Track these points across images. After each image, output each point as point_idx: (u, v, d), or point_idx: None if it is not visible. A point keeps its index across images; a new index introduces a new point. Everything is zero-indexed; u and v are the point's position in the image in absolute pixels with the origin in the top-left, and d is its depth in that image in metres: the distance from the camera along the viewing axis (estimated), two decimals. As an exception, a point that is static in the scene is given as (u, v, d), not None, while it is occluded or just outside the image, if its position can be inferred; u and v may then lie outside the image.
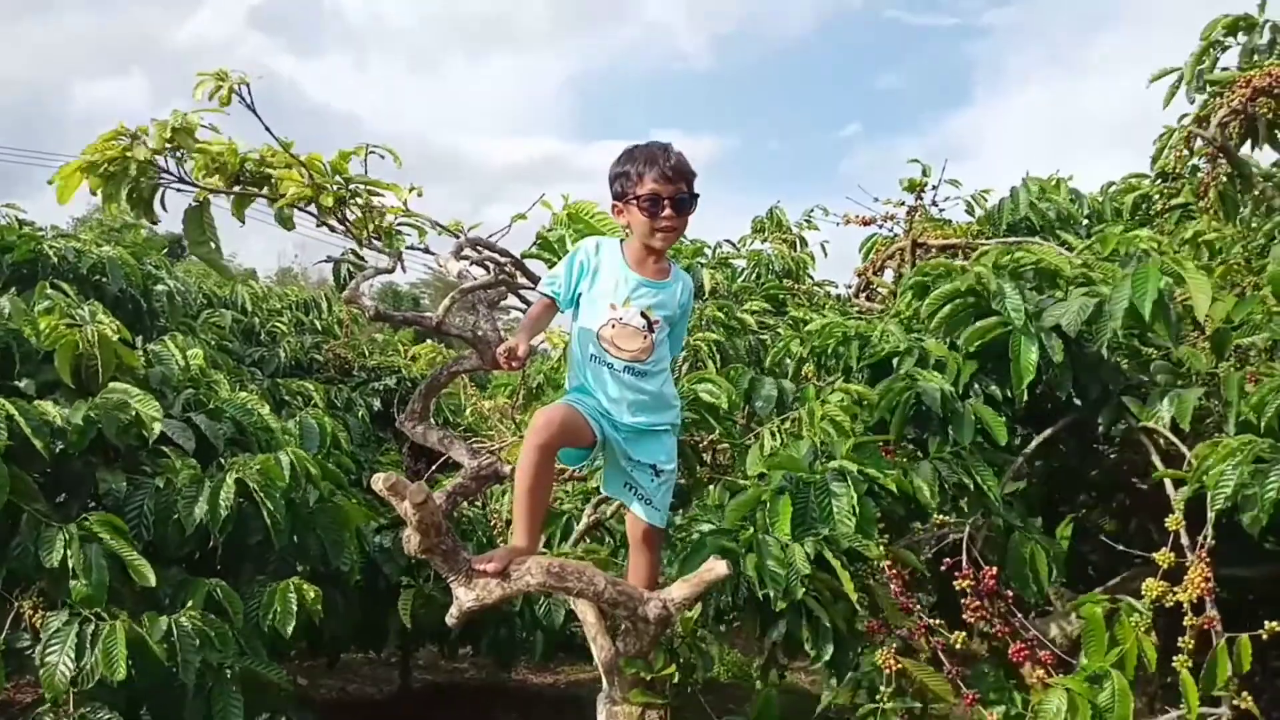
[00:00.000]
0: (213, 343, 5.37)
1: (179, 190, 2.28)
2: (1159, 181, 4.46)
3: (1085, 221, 4.81)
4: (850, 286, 4.81)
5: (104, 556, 2.77)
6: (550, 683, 8.50)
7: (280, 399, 5.39)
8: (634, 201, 2.32)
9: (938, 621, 2.46)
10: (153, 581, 2.83)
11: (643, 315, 2.33)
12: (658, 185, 2.30)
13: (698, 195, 2.37)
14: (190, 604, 2.87)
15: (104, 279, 4.62)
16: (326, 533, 3.46)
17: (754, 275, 4.94)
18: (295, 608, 3.02)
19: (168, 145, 2.12)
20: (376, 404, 6.52)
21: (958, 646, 2.46)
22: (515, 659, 5.11)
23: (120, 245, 5.27)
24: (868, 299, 4.72)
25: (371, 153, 2.40)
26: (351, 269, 3.72)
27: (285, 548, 3.31)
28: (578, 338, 2.42)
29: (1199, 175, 3.73)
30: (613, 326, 2.32)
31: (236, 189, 2.45)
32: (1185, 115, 3.78)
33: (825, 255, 5.31)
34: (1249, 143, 3.59)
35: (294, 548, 3.39)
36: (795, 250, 5.25)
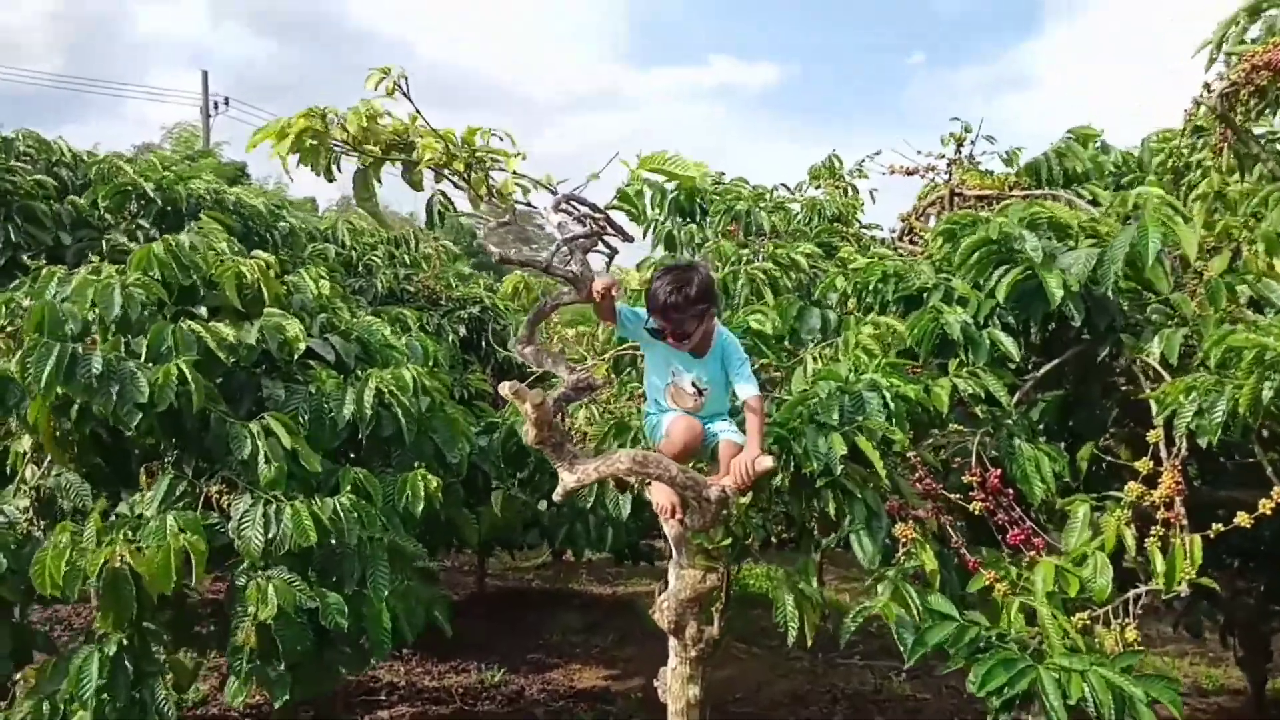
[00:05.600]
0: (324, 273, 6.03)
1: (347, 156, 2.89)
2: (1190, 138, 4.83)
3: (1114, 174, 5.19)
4: (894, 231, 5.30)
5: (280, 448, 3.48)
6: (609, 593, 9.33)
7: (381, 325, 6.06)
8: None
9: (956, 497, 3.02)
10: (319, 469, 3.52)
11: (693, 384, 3.07)
12: (658, 320, 2.99)
13: (706, 307, 2.97)
14: (348, 489, 3.56)
15: (235, 216, 5.32)
16: (440, 434, 4.14)
17: (807, 220, 5.45)
18: (424, 493, 3.72)
19: (362, 130, 2.73)
20: (462, 330, 7.18)
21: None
22: (588, 558, 5.80)
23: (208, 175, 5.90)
24: (910, 243, 5.20)
25: (492, 135, 3.00)
26: (441, 208, 4.33)
27: (411, 445, 3.99)
28: (649, 374, 3.19)
29: (1213, 139, 4.10)
30: (673, 388, 3.09)
31: (377, 153, 3.06)
32: (1206, 83, 4.12)
33: (874, 202, 5.80)
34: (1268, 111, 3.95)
35: (414, 447, 4.07)
36: (847, 195, 5.74)
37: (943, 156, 4.93)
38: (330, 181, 2.85)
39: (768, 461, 2.84)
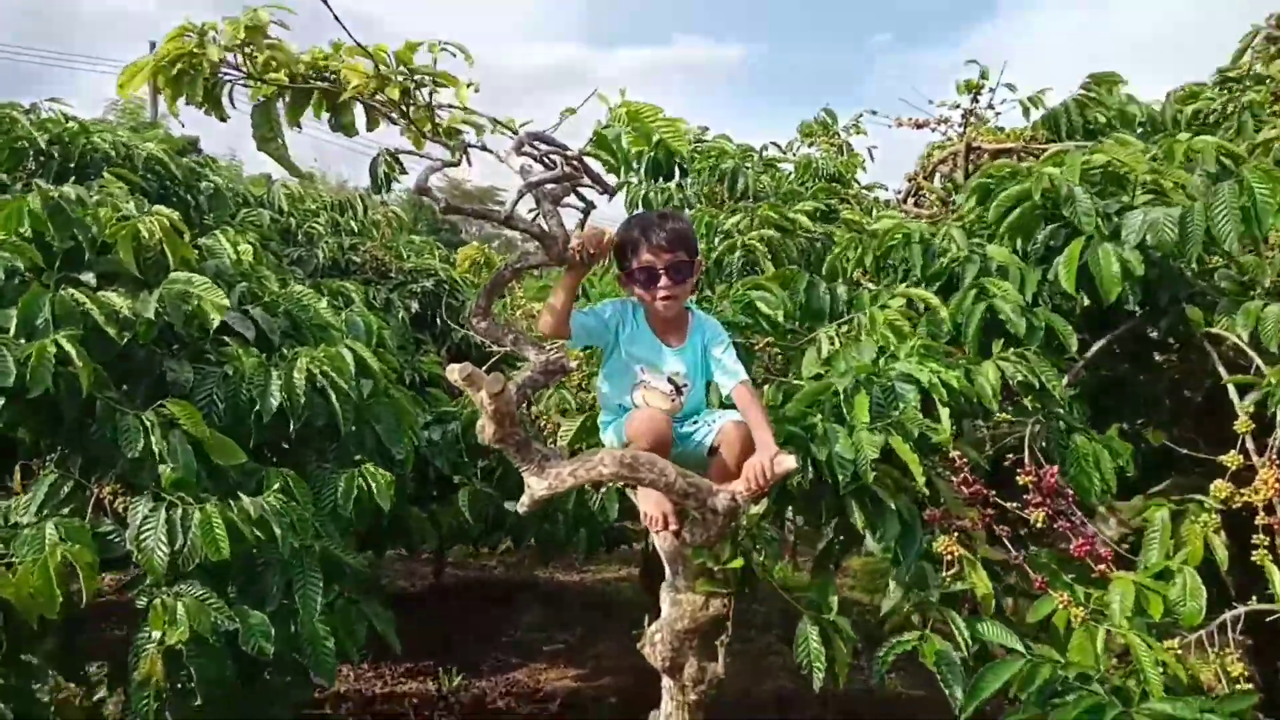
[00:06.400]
0: (255, 241, 5.35)
1: (246, 86, 2.24)
2: (1223, 88, 4.34)
3: (1140, 129, 4.69)
4: (899, 192, 4.75)
5: (187, 442, 2.84)
6: (576, 581, 8.80)
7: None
8: (632, 275, 2.49)
9: (1013, 506, 2.49)
10: (242, 458, 2.90)
11: (670, 381, 2.52)
12: (652, 256, 2.45)
13: (697, 259, 2.55)
14: (276, 488, 2.94)
15: (149, 175, 4.62)
16: (383, 424, 3.52)
17: (801, 180, 4.88)
18: (385, 489, 3.13)
19: (240, 44, 2.09)
20: (414, 306, 6.51)
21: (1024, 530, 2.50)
22: (558, 555, 5.23)
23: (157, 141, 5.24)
24: (916, 205, 4.66)
25: (443, 49, 2.35)
26: (388, 168, 3.68)
27: (347, 437, 3.37)
28: (608, 383, 2.60)
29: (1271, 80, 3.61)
30: (643, 388, 2.52)
31: (282, 81, 2.40)
32: (1273, 14, 3.64)
33: (873, 159, 5.24)
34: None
35: (353, 438, 3.45)
36: (843, 154, 5.18)
37: (957, 106, 4.37)
38: (222, 120, 2.21)
39: (790, 461, 2.26)
